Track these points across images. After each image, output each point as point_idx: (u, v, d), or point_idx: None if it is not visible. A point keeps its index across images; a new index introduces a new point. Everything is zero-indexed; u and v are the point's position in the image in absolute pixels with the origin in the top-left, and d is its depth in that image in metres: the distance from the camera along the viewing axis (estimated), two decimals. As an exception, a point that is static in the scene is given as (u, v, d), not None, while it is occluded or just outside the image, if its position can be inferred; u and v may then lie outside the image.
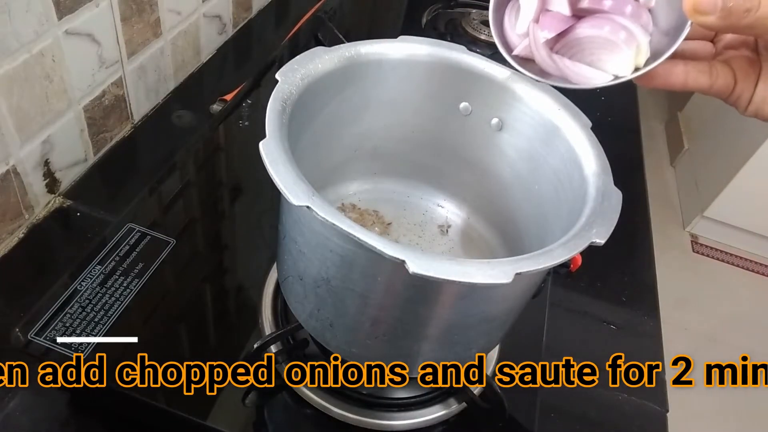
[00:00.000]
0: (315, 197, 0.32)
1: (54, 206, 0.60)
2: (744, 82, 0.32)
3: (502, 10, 0.36)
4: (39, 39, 0.51)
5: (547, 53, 0.34)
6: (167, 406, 0.44)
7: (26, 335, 0.44)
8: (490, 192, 0.51)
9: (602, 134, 0.42)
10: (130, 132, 0.69)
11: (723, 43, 0.34)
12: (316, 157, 0.46)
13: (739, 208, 1.79)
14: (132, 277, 0.50)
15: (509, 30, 0.35)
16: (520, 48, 0.35)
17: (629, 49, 0.32)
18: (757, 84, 0.32)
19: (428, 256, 0.30)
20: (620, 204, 0.37)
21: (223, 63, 0.82)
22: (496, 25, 0.35)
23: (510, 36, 0.35)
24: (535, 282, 0.42)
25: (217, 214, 0.61)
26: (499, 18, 0.36)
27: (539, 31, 0.33)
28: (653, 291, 0.64)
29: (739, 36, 0.33)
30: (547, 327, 0.55)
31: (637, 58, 0.32)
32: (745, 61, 0.32)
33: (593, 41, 0.33)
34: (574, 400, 0.52)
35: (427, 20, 0.97)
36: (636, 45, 0.32)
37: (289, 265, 0.41)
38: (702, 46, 0.34)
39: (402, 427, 0.46)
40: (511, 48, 0.35)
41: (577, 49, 0.34)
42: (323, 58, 0.43)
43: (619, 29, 0.32)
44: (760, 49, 0.32)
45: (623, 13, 0.32)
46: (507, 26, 0.35)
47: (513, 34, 0.35)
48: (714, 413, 1.44)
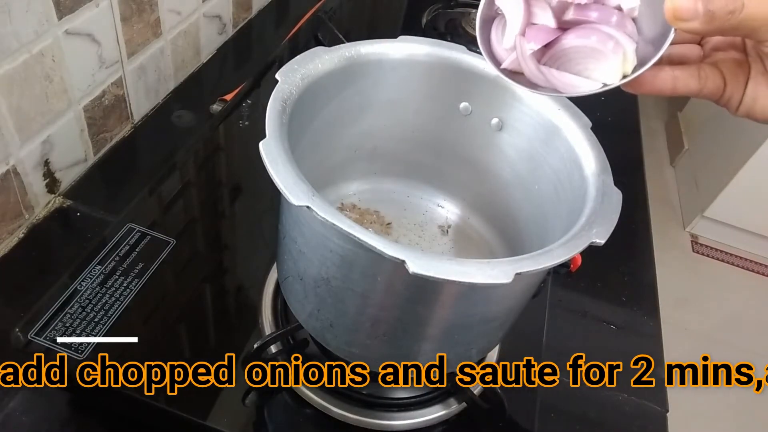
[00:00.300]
0: (315, 197, 0.32)
1: (54, 206, 0.60)
2: (733, 83, 0.32)
3: (489, 26, 0.36)
4: (39, 39, 0.51)
5: (535, 65, 0.34)
6: (167, 406, 0.44)
7: (26, 335, 0.44)
8: (491, 192, 0.51)
9: (602, 134, 0.42)
10: (130, 132, 0.69)
11: (710, 45, 0.34)
12: (316, 157, 0.46)
13: (739, 208, 1.79)
14: (132, 277, 0.50)
15: (496, 45, 0.36)
16: (508, 62, 0.35)
17: (616, 56, 0.32)
18: (746, 85, 0.32)
19: (428, 256, 0.30)
20: (620, 204, 0.37)
21: (223, 63, 0.82)
22: (484, 41, 0.36)
23: (497, 50, 0.36)
24: (535, 282, 0.42)
25: (217, 214, 0.61)
26: (485, 34, 0.36)
27: (526, 43, 0.34)
28: (653, 291, 0.64)
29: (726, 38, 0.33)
30: (547, 327, 0.55)
31: (624, 65, 0.32)
32: (734, 63, 0.32)
33: (580, 51, 0.33)
34: (574, 400, 0.52)
35: (427, 20, 0.97)
36: (622, 52, 0.32)
37: (289, 265, 0.41)
38: (690, 49, 0.35)
39: (402, 427, 0.46)
40: (499, 62, 0.36)
41: (564, 60, 0.34)
42: (323, 58, 0.43)
43: (606, 39, 0.32)
44: (747, 49, 0.32)
45: (609, 23, 0.32)
46: (494, 41, 0.36)
47: (500, 48, 0.36)
48: (714, 413, 1.44)
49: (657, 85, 0.32)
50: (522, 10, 0.34)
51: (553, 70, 0.34)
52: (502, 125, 0.48)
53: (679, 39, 0.33)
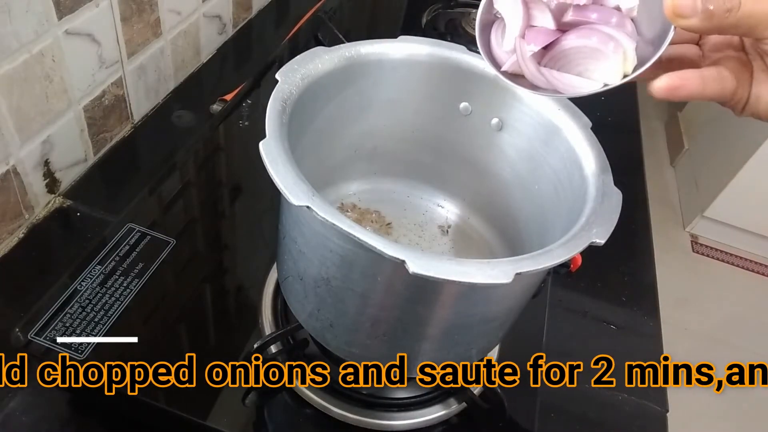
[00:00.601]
0: (315, 197, 0.32)
1: (54, 206, 0.60)
2: (742, 84, 0.32)
3: (488, 30, 0.36)
4: (39, 39, 0.51)
5: (535, 67, 0.35)
6: (167, 406, 0.44)
7: (26, 335, 0.44)
8: (491, 192, 0.51)
9: (602, 134, 0.42)
10: (130, 132, 0.69)
11: (708, 46, 0.34)
12: (316, 157, 0.46)
13: (739, 208, 1.79)
14: (132, 277, 0.50)
15: (496, 48, 0.36)
16: (509, 64, 0.35)
17: (617, 56, 0.32)
18: (751, 84, 0.32)
19: (428, 256, 0.30)
20: (620, 204, 0.37)
21: (223, 63, 0.83)
22: (484, 45, 0.36)
23: (498, 53, 0.36)
24: (535, 282, 0.42)
25: (217, 214, 0.61)
26: (485, 37, 0.36)
27: (525, 45, 0.34)
28: (653, 291, 0.64)
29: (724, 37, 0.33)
30: (547, 327, 0.55)
31: (624, 65, 0.32)
32: (738, 62, 0.32)
33: (580, 52, 0.33)
34: (574, 400, 0.52)
35: (427, 20, 0.97)
36: (623, 52, 0.32)
37: (289, 265, 0.41)
38: (688, 49, 0.35)
39: (402, 427, 0.46)
40: (500, 65, 0.36)
41: (564, 61, 0.34)
42: (323, 58, 0.43)
43: (606, 39, 0.32)
44: (747, 48, 0.32)
45: (609, 24, 0.32)
46: (494, 44, 0.36)
47: (500, 51, 0.36)
48: (714, 413, 1.44)
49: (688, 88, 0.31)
50: (521, 13, 0.34)
51: (554, 71, 0.34)
52: (502, 125, 0.48)
53: (678, 39, 0.33)
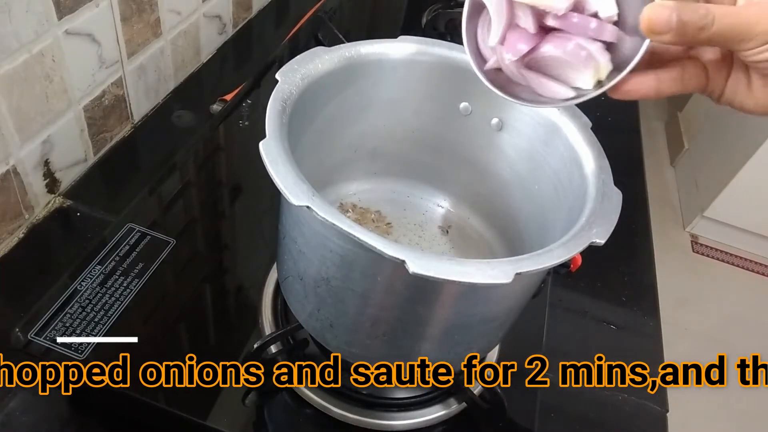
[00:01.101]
0: (315, 197, 0.32)
1: (54, 206, 0.60)
2: (716, 78, 0.32)
3: (475, 21, 0.36)
4: (39, 39, 0.51)
5: (516, 67, 0.35)
6: (167, 406, 0.44)
7: (26, 335, 0.44)
8: (491, 192, 0.51)
9: (602, 134, 0.43)
10: (130, 132, 0.69)
11: None
12: (316, 157, 0.46)
13: (739, 208, 1.79)
14: (132, 277, 0.50)
15: (482, 43, 0.36)
16: (492, 62, 0.35)
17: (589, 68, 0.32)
18: (727, 80, 0.32)
19: (428, 256, 0.30)
20: (620, 204, 0.37)
21: (223, 63, 0.83)
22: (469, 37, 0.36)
23: (483, 49, 0.36)
24: (535, 282, 0.42)
25: (217, 214, 0.61)
26: (472, 29, 0.36)
27: (504, 53, 0.34)
28: (653, 291, 0.64)
29: None
30: (547, 327, 0.55)
31: (599, 73, 0.33)
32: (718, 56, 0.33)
33: (556, 60, 0.33)
34: (574, 400, 0.52)
35: (427, 20, 0.97)
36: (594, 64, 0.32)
37: (289, 265, 0.41)
38: None
39: (402, 427, 0.46)
40: (485, 59, 0.36)
41: (542, 65, 0.34)
42: (323, 58, 0.43)
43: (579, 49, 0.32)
44: None
45: (587, 29, 0.32)
46: (480, 38, 0.36)
47: (486, 47, 0.36)
48: (714, 413, 1.44)
49: (642, 92, 0.32)
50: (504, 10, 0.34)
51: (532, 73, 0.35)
52: (502, 125, 0.48)
53: None
